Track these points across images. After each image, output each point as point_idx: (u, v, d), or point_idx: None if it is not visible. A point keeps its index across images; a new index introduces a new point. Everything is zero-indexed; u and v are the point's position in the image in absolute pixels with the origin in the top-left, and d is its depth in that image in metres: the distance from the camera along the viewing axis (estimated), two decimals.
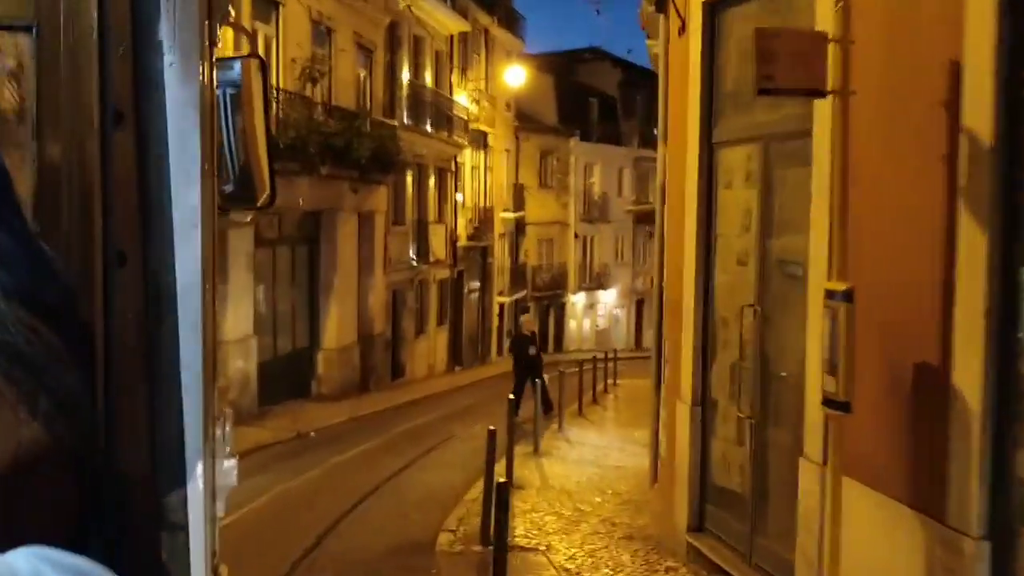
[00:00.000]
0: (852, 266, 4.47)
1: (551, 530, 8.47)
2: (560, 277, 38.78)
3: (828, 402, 4.52)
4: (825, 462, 5.02)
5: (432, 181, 25.63)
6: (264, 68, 1.89)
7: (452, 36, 27.31)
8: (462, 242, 28.48)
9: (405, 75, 23.20)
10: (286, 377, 18.00)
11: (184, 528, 1.46)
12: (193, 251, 1.46)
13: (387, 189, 21.71)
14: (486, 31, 30.89)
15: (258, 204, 1.94)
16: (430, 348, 26.36)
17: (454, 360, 28.42)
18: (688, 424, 7.08)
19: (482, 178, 30.94)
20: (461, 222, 28.39)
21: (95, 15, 1.37)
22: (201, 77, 1.47)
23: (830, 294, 4.54)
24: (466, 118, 27.74)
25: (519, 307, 33.26)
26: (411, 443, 14.34)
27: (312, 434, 14.72)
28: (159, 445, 1.43)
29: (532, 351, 16.93)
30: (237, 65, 1.80)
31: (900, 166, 4.65)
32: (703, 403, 7.01)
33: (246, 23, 14.02)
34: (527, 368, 16.53)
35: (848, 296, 4.44)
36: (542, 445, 12.95)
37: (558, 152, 38.36)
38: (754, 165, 6.30)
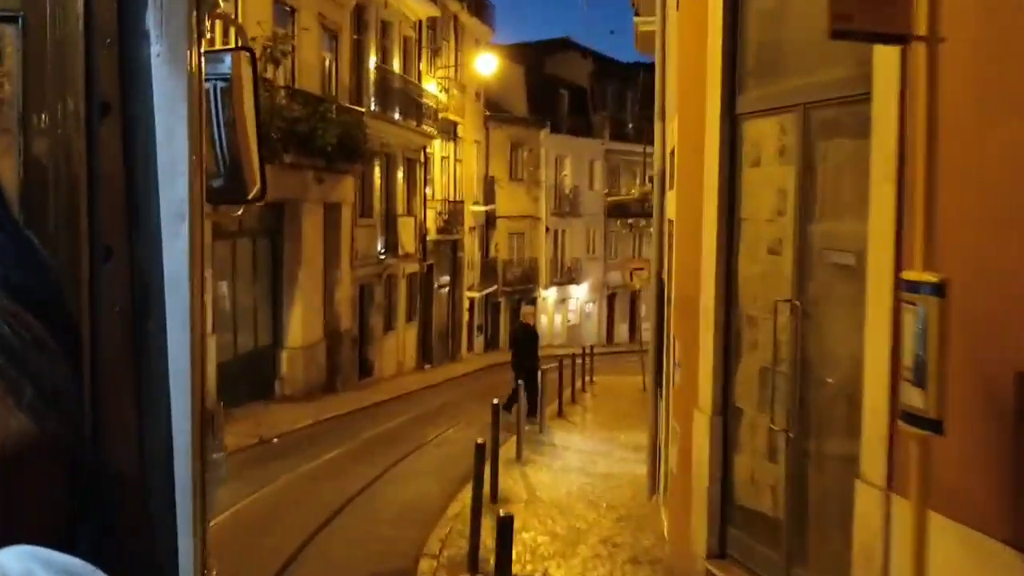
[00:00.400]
0: (931, 254, 3.62)
1: (546, 553, 7.59)
2: (531, 272, 37.93)
3: (910, 419, 3.67)
4: (890, 486, 4.19)
5: (401, 172, 24.62)
6: (255, 61, 1.85)
7: (420, 21, 26.29)
8: (432, 235, 27.50)
9: (372, 60, 22.15)
10: (247, 377, 16.91)
11: (174, 525, 1.44)
12: (181, 245, 1.44)
13: (354, 179, 20.68)
14: (455, 17, 29.89)
15: (248, 198, 1.88)
16: (399, 345, 25.37)
17: (424, 357, 27.44)
18: (707, 436, 6.22)
19: (452, 169, 29.97)
20: (430, 215, 27.41)
21: (81, 5, 1.35)
22: (189, 68, 1.45)
23: (911, 286, 3.67)
24: (435, 107, 26.74)
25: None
26: (382, 449, 13.39)
27: (275, 440, 13.70)
28: (147, 441, 1.42)
29: (530, 346, 16.12)
30: (227, 58, 1.77)
31: (1001, 131, 3.81)
32: (725, 412, 6.16)
33: None
34: (524, 363, 15.71)
35: (939, 290, 3.57)
36: (524, 451, 12.07)
37: (529, 144, 37.48)
38: (790, 138, 5.44)
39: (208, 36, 1.62)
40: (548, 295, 39.54)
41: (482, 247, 34.64)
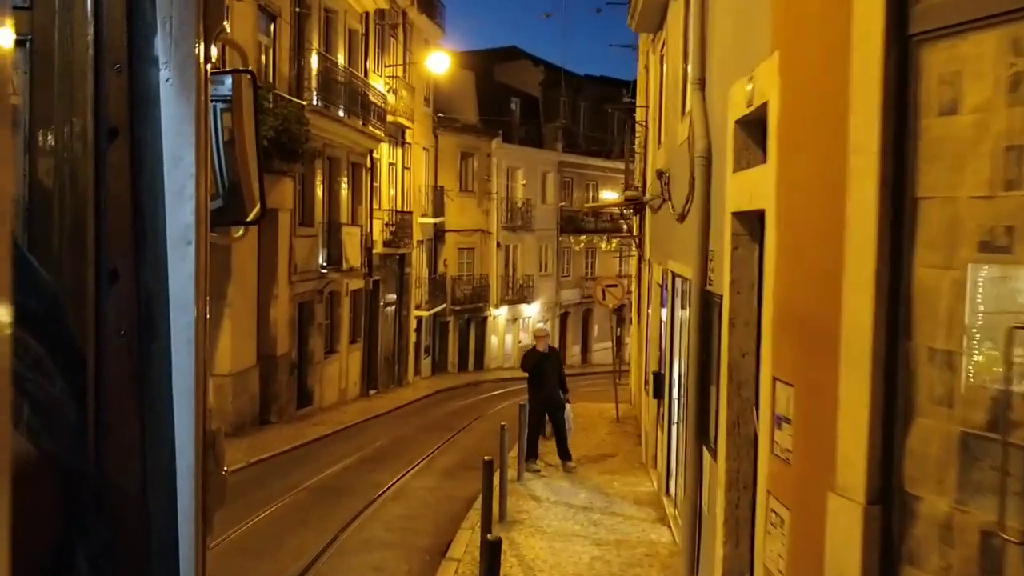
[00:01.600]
0: None
1: None
2: (482, 289, 35.68)
3: None
4: None
5: (345, 177, 22.18)
6: (255, 83, 1.86)
7: (368, 13, 23.97)
8: (378, 249, 25.07)
9: (315, 49, 19.72)
10: None
11: (175, 546, 1.43)
12: (187, 268, 1.45)
13: (293, 182, 18.22)
14: (404, 13, 27.62)
15: (248, 220, 1.88)
16: (342, 370, 22.84)
17: (368, 383, 24.94)
18: (855, 535, 4.02)
19: (400, 177, 27.60)
20: (377, 226, 24.99)
21: (91, 30, 1.37)
22: (197, 93, 1.45)
23: None
24: (383, 106, 24.38)
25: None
26: (326, 506, 10.95)
27: None
28: (150, 463, 1.41)
29: (550, 375, 12.93)
30: (228, 80, 1.75)
31: None
32: (887, 501, 3.98)
33: None
34: (544, 399, 12.82)
35: None
36: (507, 506, 9.77)
37: (479, 153, 35.31)
38: None
39: (215, 60, 1.60)
40: (499, 314, 37.29)
41: (430, 263, 32.29)
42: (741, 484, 6.13)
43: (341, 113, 20.72)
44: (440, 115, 32.71)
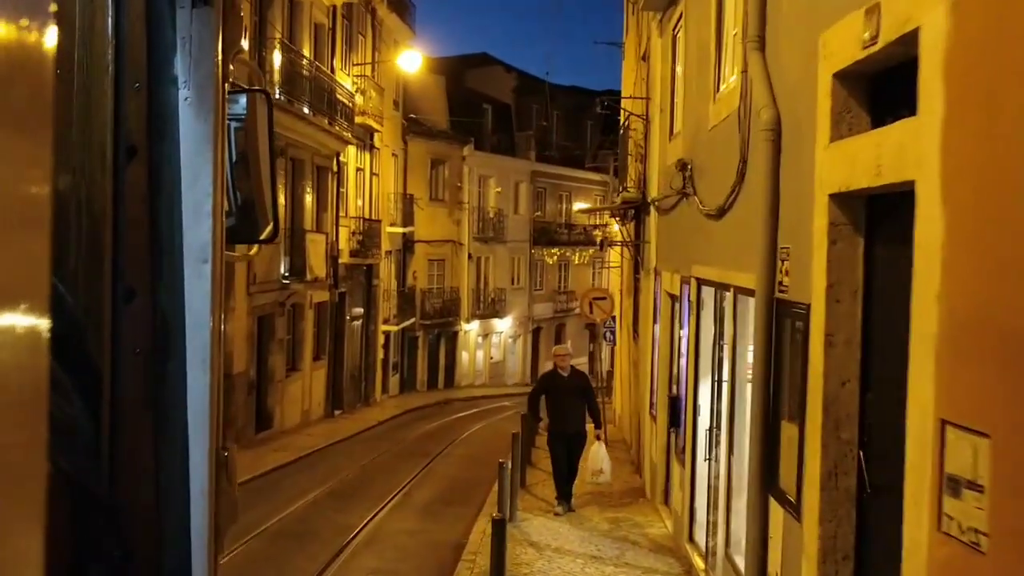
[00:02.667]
0: None
1: None
2: (452, 303, 34.08)
3: None
4: None
5: (310, 181, 20.52)
6: (270, 103, 1.87)
7: (335, 7, 22.39)
8: (344, 259, 23.39)
9: (278, 39, 18.09)
10: None
11: (188, 565, 1.42)
12: (203, 286, 1.45)
13: None
14: (374, 10, 26.07)
15: (260, 238, 1.88)
16: (304, 389, 21.10)
17: (333, 403, 23.21)
18: None
19: (368, 184, 25.96)
20: (343, 235, 23.33)
21: (111, 49, 1.36)
22: (215, 112, 1.46)
23: None
24: (351, 106, 22.79)
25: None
26: (284, 557, 9.28)
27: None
28: (164, 481, 1.41)
29: (574, 404, 10.57)
30: (243, 99, 1.76)
31: None
32: None
33: None
34: (566, 432, 10.62)
35: None
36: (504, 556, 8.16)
37: (451, 161, 33.79)
38: None
39: (232, 79, 1.61)
40: (470, 329, 35.70)
41: (399, 274, 30.64)
42: (840, 554, 4.64)
43: (306, 110, 19.09)
44: (412, 116, 31.16)
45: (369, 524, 10.75)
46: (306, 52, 20.03)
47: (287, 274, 19.04)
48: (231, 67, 1.60)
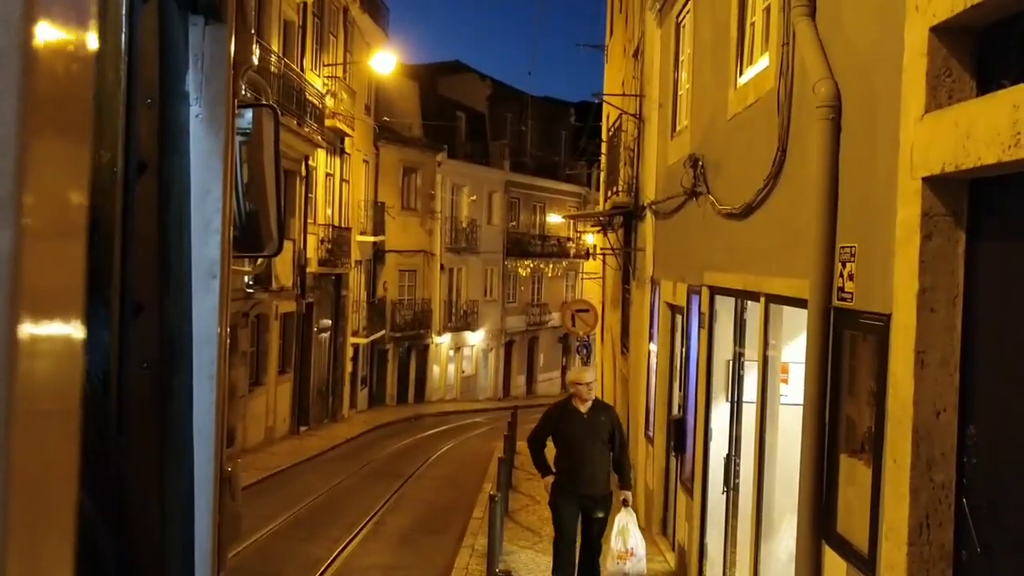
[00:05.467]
0: None
1: None
2: (423, 315, 33.02)
3: None
4: None
5: None
6: (276, 118, 1.86)
7: (305, 4, 21.39)
8: (312, 267, 22.30)
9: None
10: None
11: None
12: (211, 301, 1.45)
13: None
14: (346, 10, 25.09)
15: (265, 252, 1.91)
16: (268, 405, 19.96)
17: (299, 419, 22.06)
18: None
19: (337, 190, 24.89)
20: (312, 243, 22.25)
21: (124, 65, 1.34)
22: (226, 128, 1.47)
23: None
24: (321, 107, 21.77)
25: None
26: None
27: None
28: (169, 496, 1.40)
29: (594, 448, 7.35)
30: (249, 113, 1.76)
31: None
32: None
33: None
34: (580, 489, 7.38)
35: None
36: None
37: (423, 169, 32.82)
38: None
39: (242, 94, 1.62)
40: (442, 342, 34.66)
41: (369, 285, 29.55)
42: None
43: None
44: (385, 119, 30.17)
45: (338, 558, 9.70)
46: (275, 48, 19.01)
47: (251, 283, 17.92)
48: (241, 83, 1.61)
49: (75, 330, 0.68)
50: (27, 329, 0.59)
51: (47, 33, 0.63)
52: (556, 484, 7.47)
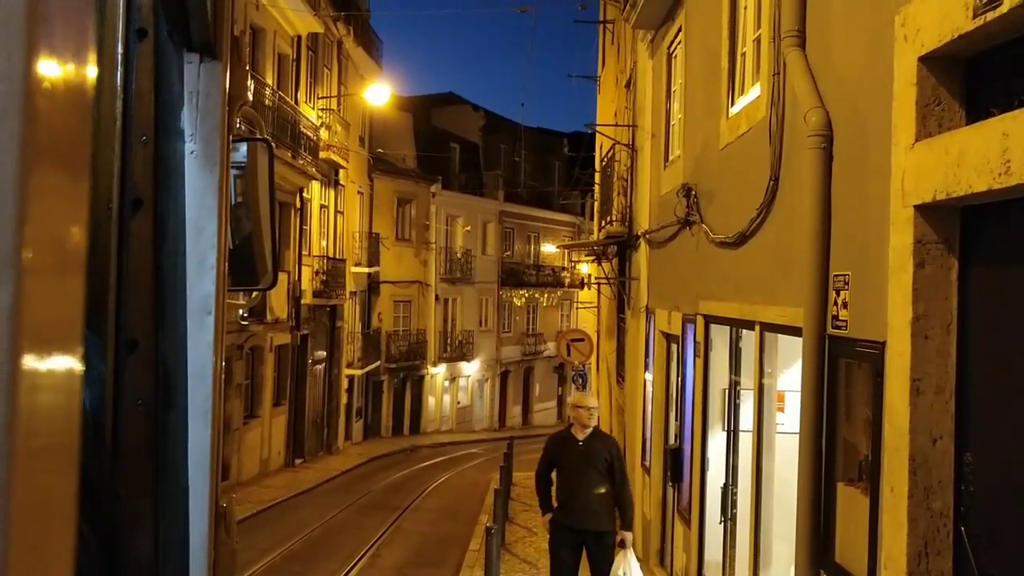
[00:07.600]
0: None
1: None
2: (418, 345, 32.96)
3: None
4: None
5: None
6: (271, 152, 1.88)
7: (299, 37, 21.57)
8: (307, 299, 22.29)
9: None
10: None
11: None
12: (206, 337, 1.45)
13: None
14: (340, 43, 25.29)
15: (259, 286, 1.91)
16: (263, 437, 19.85)
17: (294, 451, 21.93)
18: None
19: (332, 222, 24.94)
20: (306, 274, 22.25)
21: (119, 103, 1.35)
22: (221, 165, 1.48)
23: None
24: (315, 139, 21.86)
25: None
26: None
27: None
28: (163, 533, 1.39)
29: (591, 478, 7.09)
30: (243, 147, 1.77)
31: None
32: None
33: None
34: (577, 520, 7.18)
35: None
36: None
37: (417, 200, 32.94)
38: None
39: (237, 130, 1.63)
40: (437, 372, 34.56)
41: (364, 316, 29.51)
42: None
43: None
44: (379, 151, 30.30)
45: None
46: (269, 80, 19.13)
47: (246, 315, 17.89)
48: (236, 119, 1.61)
49: (75, 365, 0.69)
50: (29, 363, 0.59)
51: (45, 71, 0.64)
52: (553, 521, 7.30)
